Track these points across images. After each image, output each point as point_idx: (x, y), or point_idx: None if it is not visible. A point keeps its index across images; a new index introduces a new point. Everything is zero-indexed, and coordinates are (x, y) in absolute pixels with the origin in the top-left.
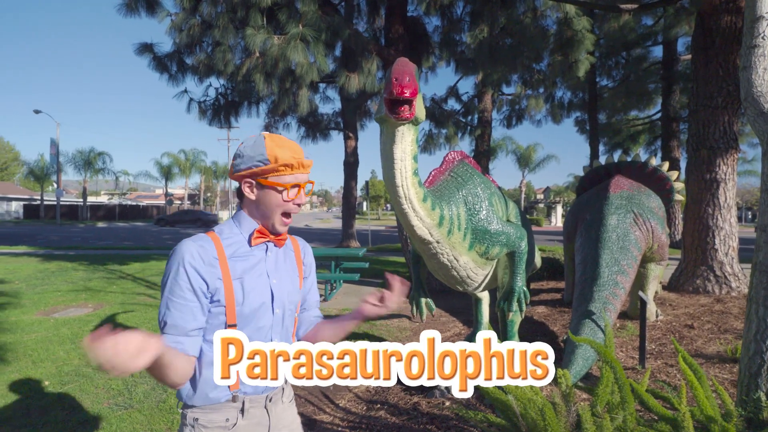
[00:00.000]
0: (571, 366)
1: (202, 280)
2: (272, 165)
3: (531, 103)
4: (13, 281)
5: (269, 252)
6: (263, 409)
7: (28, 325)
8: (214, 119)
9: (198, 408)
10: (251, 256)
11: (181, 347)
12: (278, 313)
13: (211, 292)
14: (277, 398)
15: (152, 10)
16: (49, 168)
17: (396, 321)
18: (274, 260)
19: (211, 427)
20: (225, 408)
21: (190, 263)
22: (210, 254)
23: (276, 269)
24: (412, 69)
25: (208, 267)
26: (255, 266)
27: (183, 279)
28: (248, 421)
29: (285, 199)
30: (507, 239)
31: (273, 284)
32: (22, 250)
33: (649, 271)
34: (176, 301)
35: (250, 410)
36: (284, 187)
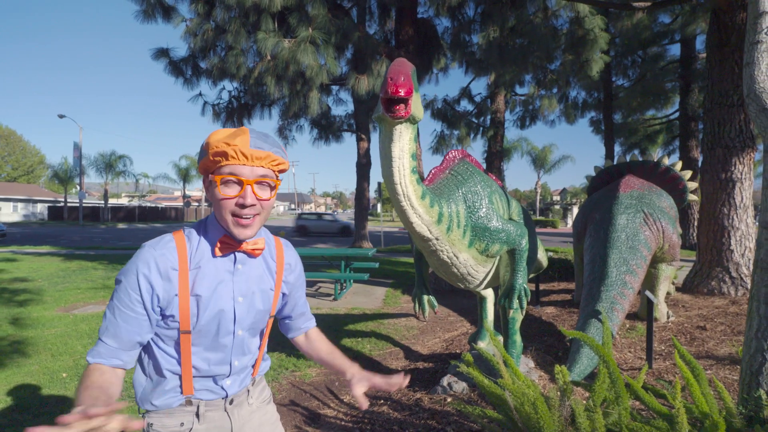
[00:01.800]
0: (575, 365)
1: (155, 294)
2: (208, 156)
3: (544, 104)
4: (36, 279)
5: (238, 264)
6: (223, 412)
7: (49, 321)
8: (228, 121)
9: (152, 412)
10: (216, 268)
11: (119, 363)
12: (240, 335)
13: (163, 306)
14: (241, 401)
15: (168, 16)
16: (72, 171)
17: (403, 320)
18: (244, 274)
19: (168, 425)
20: (179, 412)
21: (145, 275)
22: (169, 264)
23: (245, 286)
24: (408, 69)
25: (164, 281)
26: (219, 281)
27: (134, 290)
28: (206, 425)
29: (219, 197)
30: (507, 237)
31: (238, 303)
32: (46, 250)
33: (659, 272)
34: (124, 312)
35: (206, 414)
36: (215, 182)
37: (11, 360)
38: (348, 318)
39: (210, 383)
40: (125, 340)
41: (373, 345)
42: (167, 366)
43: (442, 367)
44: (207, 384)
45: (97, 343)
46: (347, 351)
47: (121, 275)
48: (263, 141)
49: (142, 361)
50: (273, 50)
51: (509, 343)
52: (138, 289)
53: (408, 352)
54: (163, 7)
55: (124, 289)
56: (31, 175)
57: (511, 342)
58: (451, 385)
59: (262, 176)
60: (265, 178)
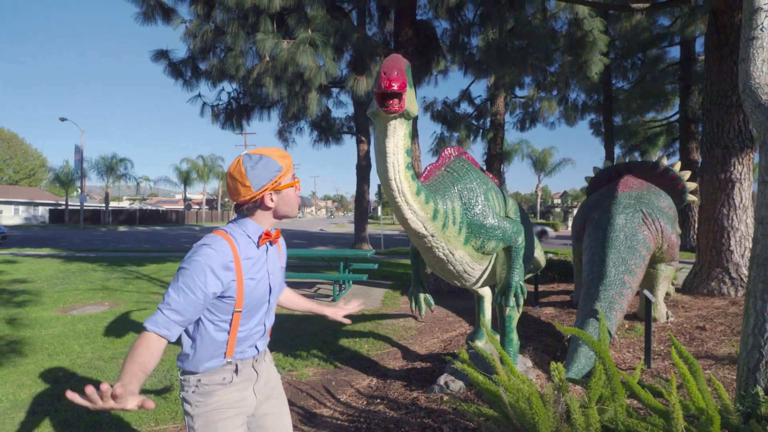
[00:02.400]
0: (573, 364)
1: (218, 282)
2: (284, 170)
3: (544, 105)
4: (36, 280)
5: (268, 251)
6: (251, 368)
7: (47, 321)
8: (227, 123)
9: (200, 373)
10: (258, 257)
11: (167, 333)
12: (272, 302)
13: (222, 290)
14: (261, 359)
15: (168, 17)
16: (73, 174)
17: (402, 321)
18: (270, 257)
19: (211, 385)
20: (222, 370)
21: (211, 268)
22: (228, 258)
23: (272, 266)
24: (402, 64)
25: (225, 271)
26: (261, 266)
27: (201, 279)
28: (241, 378)
29: (294, 195)
30: (503, 234)
31: (271, 279)
32: (46, 252)
33: (658, 272)
34: (188, 295)
35: (242, 370)
36: (293, 186)
37: (8, 359)
38: (347, 318)
39: (247, 345)
40: (181, 315)
41: (370, 345)
42: (218, 338)
43: (439, 366)
44: (245, 347)
45: (156, 313)
46: (344, 351)
47: (187, 264)
48: None
49: (193, 334)
50: (272, 51)
51: (506, 342)
52: (204, 280)
53: (406, 352)
54: (162, 8)
55: (191, 276)
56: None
57: (507, 340)
58: (448, 384)
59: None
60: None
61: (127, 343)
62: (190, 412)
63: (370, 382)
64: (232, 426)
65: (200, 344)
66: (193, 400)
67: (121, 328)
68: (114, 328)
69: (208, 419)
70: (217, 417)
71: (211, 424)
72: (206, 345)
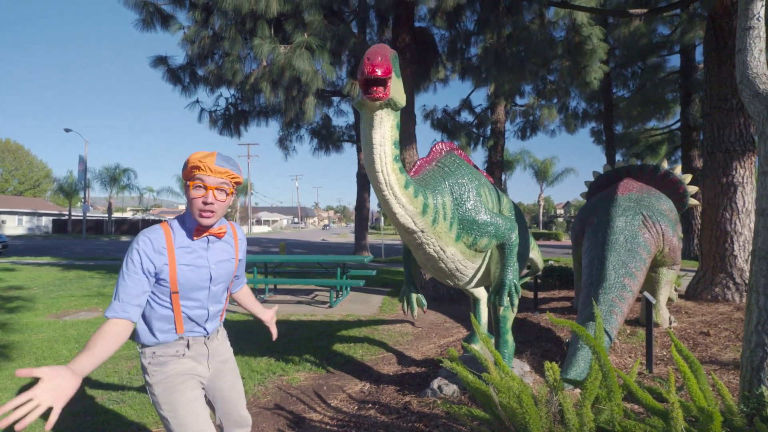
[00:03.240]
0: (572, 367)
1: (151, 264)
2: (187, 167)
3: (544, 113)
4: (32, 287)
5: (211, 244)
6: (203, 345)
7: (38, 326)
8: (225, 129)
9: (155, 346)
10: (195, 247)
11: (126, 315)
12: (214, 289)
13: (157, 273)
14: (213, 336)
15: (166, 24)
16: (77, 184)
17: (398, 326)
18: (215, 249)
19: (165, 356)
20: (175, 344)
21: (145, 252)
22: (160, 244)
23: (216, 257)
24: (387, 51)
25: (157, 255)
26: (197, 255)
27: (137, 262)
28: (192, 352)
29: (192, 196)
30: (496, 230)
31: (212, 269)
32: (46, 261)
33: (660, 276)
34: (132, 276)
35: (193, 345)
36: (189, 185)
37: None
38: (342, 324)
39: (195, 325)
40: (131, 295)
41: (365, 350)
42: (164, 314)
43: (434, 371)
44: (193, 326)
45: (111, 303)
46: (338, 356)
47: (128, 252)
48: (225, 162)
49: (146, 314)
50: (269, 56)
51: (500, 343)
52: (139, 261)
53: (401, 358)
54: (161, 15)
55: (130, 261)
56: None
57: (502, 342)
58: (441, 388)
59: (221, 184)
60: (222, 186)
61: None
62: (149, 381)
63: (362, 387)
64: (189, 387)
65: (149, 320)
66: (150, 370)
67: None
68: None
69: (166, 385)
70: (174, 381)
71: (170, 389)
72: (155, 320)
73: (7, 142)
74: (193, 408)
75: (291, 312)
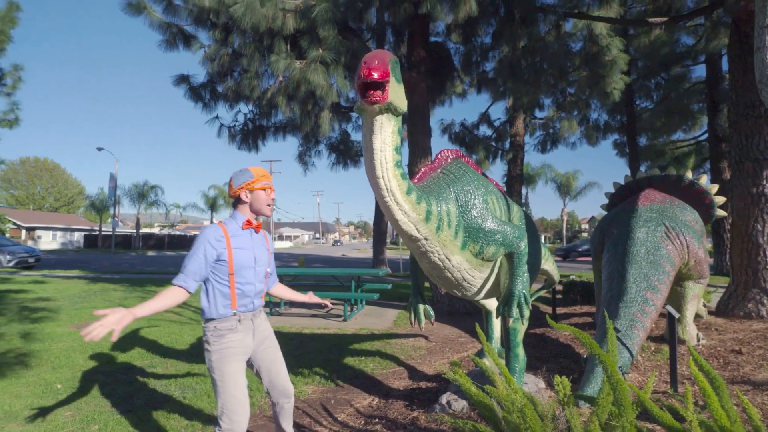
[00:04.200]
0: (589, 385)
1: (213, 249)
2: (254, 178)
3: (564, 126)
4: (58, 299)
5: (252, 235)
6: (250, 321)
7: (59, 336)
8: (243, 144)
9: (215, 320)
10: (242, 236)
11: (182, 283)
12: (258, 270)
13: (218, 255)
14: (257, 314)
15: (188, 43)
16: (107, 201)
17: (411, 340)
18: (256, 239)
19: (223, 330)
20: (230, 319)
21: (207, 240)
22: (219, 234)
23: (255, 245)
24: (385, 56)
25: (217, 242)
26: (244, 243)
27: (202, 247)
28: (242, 326)
29: (262, 197)
30: (503, 238)
31: (255, 252)
32: (74, 274)
33: (686, 290)
34: (195, 257)
35: (243, 321)
36: (263, 189)
37: (12, 371)
38: (354, 338)
39: (246, 301)
40: (191, 271)
41: (376, 364)
42: (224, 291)
43: (445, 386)
44: (245, 302)
45: (178, 275)
46: (348, 369)
47: (194, 242)
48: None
49: (208, 293)
50: (285, 71)
51: (511, 357)
52: (204, 246)
53: (412, 372)
54: (184, 35)
55: (196, 246)
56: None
57: (513, 355)
58: (450, 404)
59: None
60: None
61: (130, 358)
62: (209, 348)
63: (371, 402)
64: (235, 359)
65: (212, 297)
66: (211, 341)
67: (127, 344)
68: (121, 343)
69: (221, 354)
70: (226, 353)
71: (222, 358)
72: (216, 298)
73: (45, 161)
74: (236, 378)
75: (305, 325)
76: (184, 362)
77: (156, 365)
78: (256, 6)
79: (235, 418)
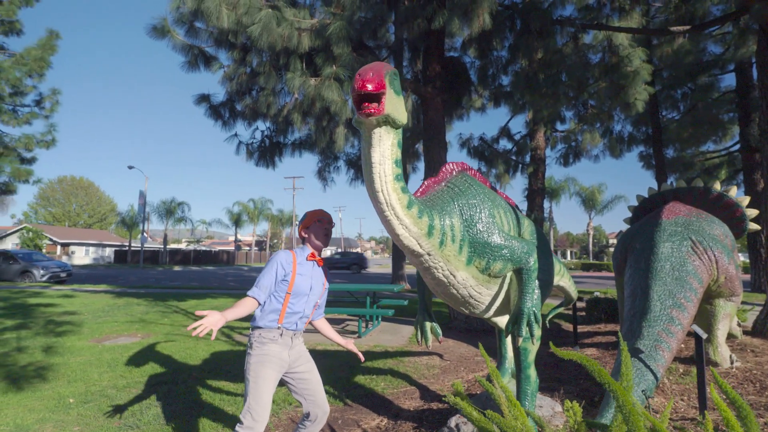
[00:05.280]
0: (608, 408)
1: (282, 269)
2: (315, 217)
3: (586, 138)
4: (83, 313)
5: (314, 267)
6: (290, 338)
7: (78, 350)
8: (261, 160)
9: (262, 328)
10: (306, 265)
11: (256, 295)
12: (310, 298)
13: (284, 275)
14: (297, 335)
15: (209, 64)
16: (137, 217)
17: (425, 359)
18: (315, 271)
19: (267, 337)
20: (274, 330)
21: (280, 262)
22: (289, 259)
23: (314, 276)
24: (381, 68)
25: (287, 264)
26: (306, 271)
27: (274, 266)
28: (283, 341)
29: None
30: (511, 254)
31: (312, 282)
32: (102, 288)
33: (717, 309)
34: (267, 274)
35: (284, 336)
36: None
37: (30, 384)
38: (367, 355)
39: (292, 320)
40: (264, 286)
41: (387, 383)
42: (275, 307)
43: (456, 408)
44: (291, 320)
45: (253, 288)
46: (358, 388)
47: (269, 261)
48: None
49: (264, 304)
50: (300, 88)
51: (522, 378)
52: (276, 266)
53: (424, 392)
54: (205, 56)
55: (270, 264)
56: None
57: (524, 377)
58: (459, 426)
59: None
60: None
61: (143, 373)
62: (250, 351)
63: (379, 423)
64: (271, 366)
65: (266, 309)
66: (254, 345)
67: (143, 359)
68: (136, 358)
69: (259, 359)
70: (264, 359)
71: (259, 362)
72: (267, 311)
73: (81, 179)
74: (266, 384)
75: (318, 341)
76: (197, 377)
77: (168, 380)
78: (273, 26)
79: (258, 418)
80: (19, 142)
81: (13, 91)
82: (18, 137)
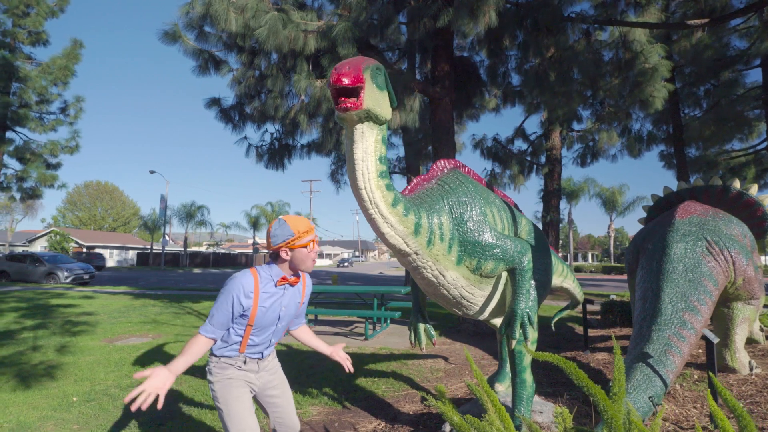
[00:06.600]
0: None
1: (240, 306)
2: (301, 232)
3: (603, 137)
4: (100, 314)
5: (286, 291)
6: (255, 364)
7: (89, 350)
8: (270, 162)
9: (222, 357)
10: (274, 292)
11: (212, 336)
12: (279, 326)
13: (242, 311)
14: (264, 357)
15: (219, 68)
16: (158, 221)
17: (430, 362)
18: (288, 296)
19: (226, 363)
20: (236, 359)
21: (237, 296)
22: (249, 289)
23: (287, 302)
24: (359, 62)
25: (246, 299)
26: (274, 300)
27: (229, 303)
28: (247, 367)
29: (308, 251)
30: (503, 253)
31: (282, 311)
32: (121, 290)
33: (735, 312)
34: (222, 309)
35: (249, 363)
36: (308, 245)
37: (38, 382)
38: (372, 358)
39: (255, 350)
40: (219, 323)
41: (389, 386)
42: (235, 339)
43: None
44: (254, 350)
45: (205, 324)
46: (358, 390)
47: (223, 290)
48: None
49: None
50: (306, 90)
51: (517, 383)
52: (231, 302)
53: (426, 395)
54: (215, 60)
55: (225, 299)
56: (127, 225)
57: (519, 381)
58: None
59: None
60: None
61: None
62: (211, 379)
63: (376, 426)
64: (238, 387)
65: (224, 338)
66: (214, 371)
67: (150, 359)
68: (144, 358)
69: (223, 384)
70: (228, 382)
71: (225, 387)
72: (227, 341)
73: (106, 184)
74: (240, 404)
75: None
76: (200, 379)
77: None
78: (279, 28)
79: None
80: (45, 148)
81: (40, 99)
82: (44, 143)
